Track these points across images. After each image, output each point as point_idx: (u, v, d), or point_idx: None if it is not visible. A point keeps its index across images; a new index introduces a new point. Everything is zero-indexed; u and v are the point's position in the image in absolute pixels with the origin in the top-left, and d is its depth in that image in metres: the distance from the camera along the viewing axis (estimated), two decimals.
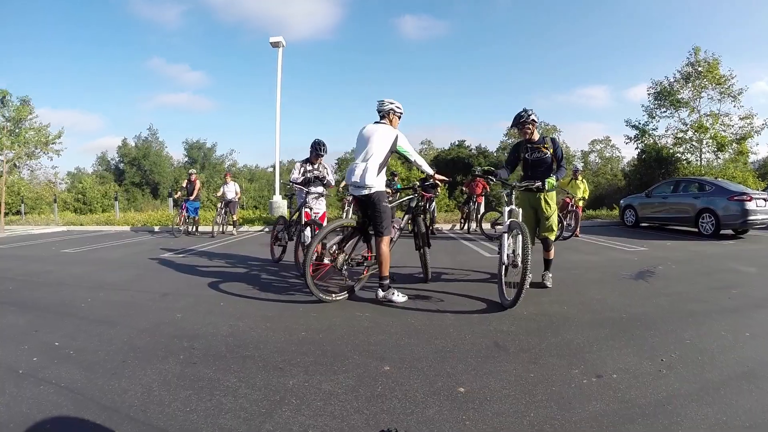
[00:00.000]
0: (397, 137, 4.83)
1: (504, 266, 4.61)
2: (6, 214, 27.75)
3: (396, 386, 2.75)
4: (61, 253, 10.47)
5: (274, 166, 23.29)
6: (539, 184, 5.09)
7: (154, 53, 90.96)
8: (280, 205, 16.45)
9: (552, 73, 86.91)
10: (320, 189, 7.08)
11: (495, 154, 48.14)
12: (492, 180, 5.16)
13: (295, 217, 7.31)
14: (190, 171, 14.46)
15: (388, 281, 4.82)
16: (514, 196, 5.06)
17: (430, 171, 5.41)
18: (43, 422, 2.41)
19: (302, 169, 7.18)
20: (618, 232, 12.95)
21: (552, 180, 5.07)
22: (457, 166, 41.90)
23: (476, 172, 5.78)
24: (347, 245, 5.18)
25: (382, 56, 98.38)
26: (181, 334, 3.88)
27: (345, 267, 5.05)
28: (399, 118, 5.11)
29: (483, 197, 13.88)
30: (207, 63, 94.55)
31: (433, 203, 11.58)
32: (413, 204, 5.73)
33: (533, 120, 5.34)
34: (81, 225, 19.57)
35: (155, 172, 44.73)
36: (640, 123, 27.30)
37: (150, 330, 4.04)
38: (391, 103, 5.03)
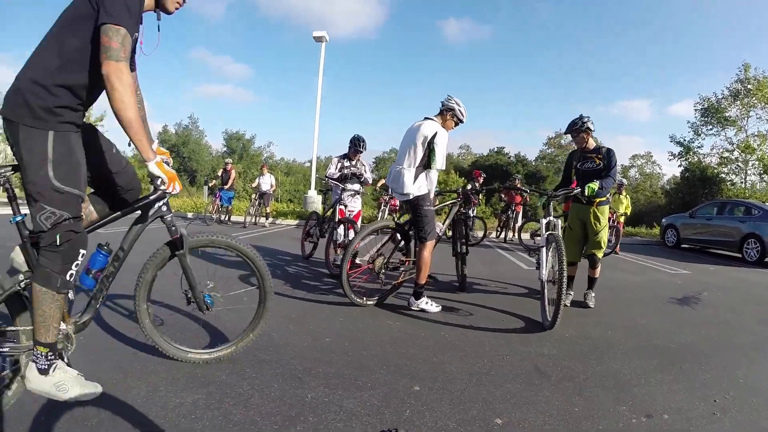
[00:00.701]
0: (436, 134, 4.46)
1: (544, 282, 4.30)
2: None
3: (426, 410, 2.52)
4: (97, 234, 10.50)
5: (311, 161, 23.30)
6: (579, 190, 4.79)
7: (199, 43, 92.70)
8: (315, 200, 16.37)
9: (594, 84, 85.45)
10: (357, 186, 6.89)
11: (533, 163, 47.52)
12: (526, 192, 4.84)
13: (328, 214, 7.14)
14: (227, 160, 14.47)
15: (423, 290, 4.58)
16: (552, 206, 4.76)
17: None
18: (31, 413, 2.26)
19: (339, 165, 7.00)
20: (658, 252, 12.50)
21: (594, 185, 4.71)
22: (495, 172, 41.41)
23: (515, 181, 5.40)
24: (386, 248, 4.98)
25: (424, 58, 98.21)
26: (189, 331, 3.71)
27: (383, 271, 4.82)
28: (456, 123, 4.79)
29: (522, 206, 13.54)
30: (250, 56, 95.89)
31: (474, 210, 11.30)
32: (455, 209, 5.54)
33: (588, 128, 5.05)
34: None
35: (193, 160, 45.31)
36: (685, 139, 26.52)
37: (165, 321, 3.85)
38: (457, 105, 4.70)
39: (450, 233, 5.53)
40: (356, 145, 6.99)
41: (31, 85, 1.94)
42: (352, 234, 6.37)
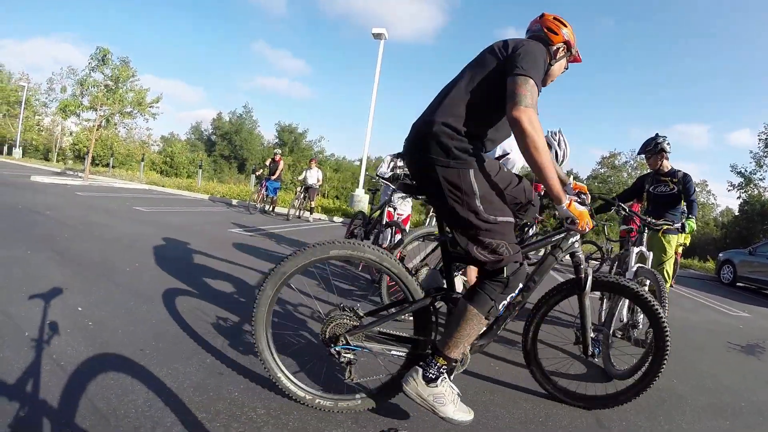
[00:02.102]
0: None
1: (618, 323, 3.63)
2: (96, 164, 29.44)
3: None
4: (132, 210, 10.52)
5: (361, 159, 23.13)
6: (678, 225, 4.25)
7: (259, 36, 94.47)
8: (362, 198, 16.13)
9: (651, 105, 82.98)
10: None
11: (585, 182, 46.18)
12: (614, 209, 4.13)
13: (375, 215, 6.74)
14: (276, 151, 14.30)
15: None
16: (646, 235, 4.21)
17: None
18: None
19: (392, 164, 6.61)
20: (714, 289, 11.63)
21: (692, 222, 4.22)
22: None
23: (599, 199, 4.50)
24: (432, 258, 4.49)
25: None
26: (217, 330, 3.39)
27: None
28: None
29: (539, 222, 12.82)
30: (308, 52, 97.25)
31: (535, 228, 10.61)
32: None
33: (663, 149, 4.61)
34: (163, 186, 20.12)
35: (245, 149, 45.96)
36: (746, 170, 25.17)
37: (186, 316, 3.58)
38: None
39: None
40: None
41: (446, 130, 2.08)
42: (399, 239, 5.99)
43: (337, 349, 2.31)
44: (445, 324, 2.26)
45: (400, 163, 6.58)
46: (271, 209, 14.01)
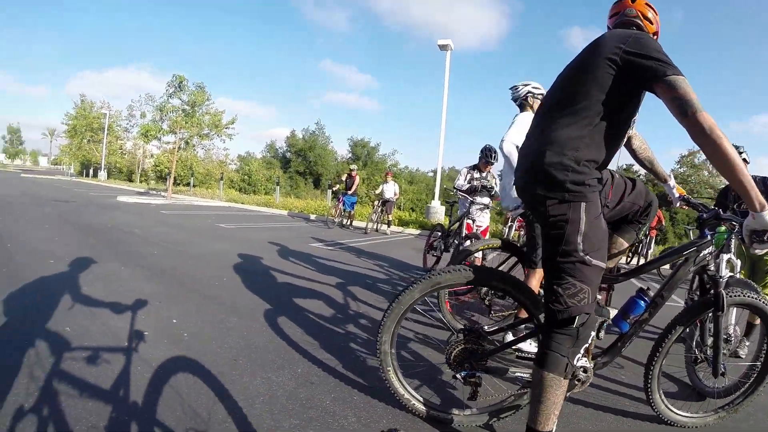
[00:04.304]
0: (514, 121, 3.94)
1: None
2: (177, 184, 31.13)
3: None
4: (215, 227, 11.05)
5: (434, 171, 23.13)
6: None
7: (326, 55, 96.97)
8: (438, 210, 16.14)
9: (727, 97, 77.78)
10: (486, 200, 6.45)
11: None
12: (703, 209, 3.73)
13: (454, 228, 6.76)
14: (352, 166, 14.58)
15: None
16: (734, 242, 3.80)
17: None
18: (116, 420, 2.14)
19: (468, 176, 6.62)
20: None
21: None
22: None
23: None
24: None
25: (548, 68, 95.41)
26: (304, 340, 3.52)
27: (488, 298, 3.99)
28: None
29: (656, 231, 12.23)
30: (374, 66, 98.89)
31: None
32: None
33: (744, 159, 4.24)
34: (242, 203, 20.96)
35: (319, 164, 46.83)
36: None
37: (274, 328, 3.74)
38: (526, 86, 4.06)
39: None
40: (487, 155, 6.57)
41: (560, 161, 1.88)
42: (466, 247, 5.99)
43: (462, 375, 2.26)
44: (530, 397, 2.03)
45: (476, 175, 6.58)
46: (348, 223, 14.28)
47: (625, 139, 2.08)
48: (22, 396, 2.25)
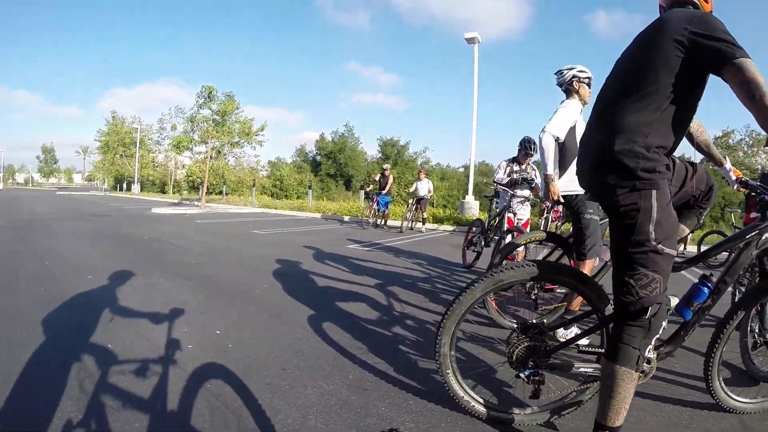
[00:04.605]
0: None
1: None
2: (209, 193, 31.69)
3: None
4: (250, 233, 11.11)
5: (466, 166, 22.92)
6: None
7: (351, 57, 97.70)
8: (472, 205, 15.95)
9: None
10: (526, 192, 6.29)
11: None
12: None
13: (494, 222, 6.60)
14: (384, 166, 14.52)
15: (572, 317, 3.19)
16: None
17: (548, 170, 3.71)
18: None
19: (508, 169, 6.47)
20: None
21: None
22: None
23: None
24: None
25: (575, 55, 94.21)
26: (352, 345, 3.42)
27: (533, 293, 3.77)
28: (588, 85, 3.88)
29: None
30: (399, 65, 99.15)
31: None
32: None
33: None
34: (275, 209, 21.12)
35: (349, 166, 47.02)
36: None
37: (320, 334, 3.66)
38: (570, 69, 3.85)
39: None
40: (526, 147, 6.40)
41: (630, 149, 1.82)
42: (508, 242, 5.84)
43: (526, 373, 2.16)
44: (600, 392, 1.96)
45: (516, 167, 6.42)
46: (383, 223, 14.21)
47: None
48: (67, 414, 2.22)
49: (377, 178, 14.42)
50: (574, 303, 3.53)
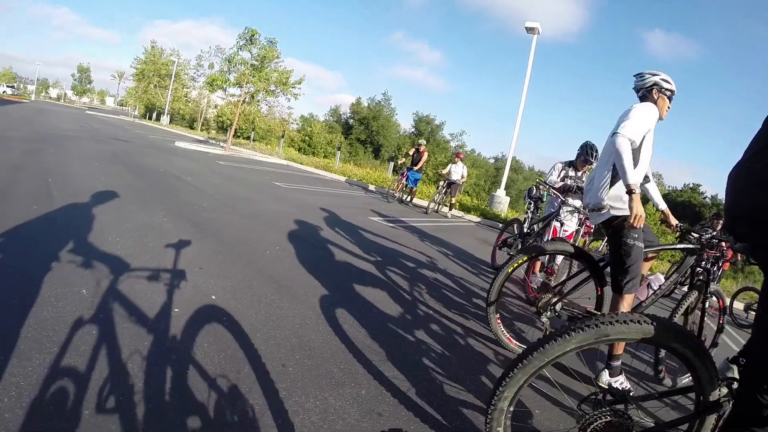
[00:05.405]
0: (633, 107, 3.07)
1: None
2: (237, 136, 31.30)
3: None
4: (271, 185, 10.64)
5: (496, 158, 22.19)
6: None
7: (398, 28, 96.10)
8: (502, 200, 15.29)
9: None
10: (578, 202, 5.66)
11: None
12: None
13: (536, 227, 6.00)
14: (420, 141, 13.81)
15: (619, 362, 3.03)
16: None
17: (631, 180, 2.85)
18: None
19: (563, 173, 5.82)
20: None
21: None
22: (686, 211, 36.87)
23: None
24: (568, 284, 3.53)
25: (623, 69, 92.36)
26: (368, 346, 2.91)
27: (547, 315, 3.29)
28: (669, 99, 3.24)
29: (729, 264, 10.42)
30: (445, 44, 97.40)
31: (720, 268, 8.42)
32: (693, 260, 3.41)
33: None
34: (300, 163, 20.57)
35: (381, 134, 46.35)
36: None
37: (331, 322, 3.15)
38: (654, 75, 3.20)
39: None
40: (587, 153, 5.73)
41: None
42: (559, 259, 5.25)
43: None
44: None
45: (571, 173, 5.79)
46: (409, 200, 13.60)
47: None
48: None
49: (411, 153, 13.74)
50: (619, 345, 2.98)
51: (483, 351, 3.31)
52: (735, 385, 1.60)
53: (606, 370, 3.05)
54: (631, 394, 1.74)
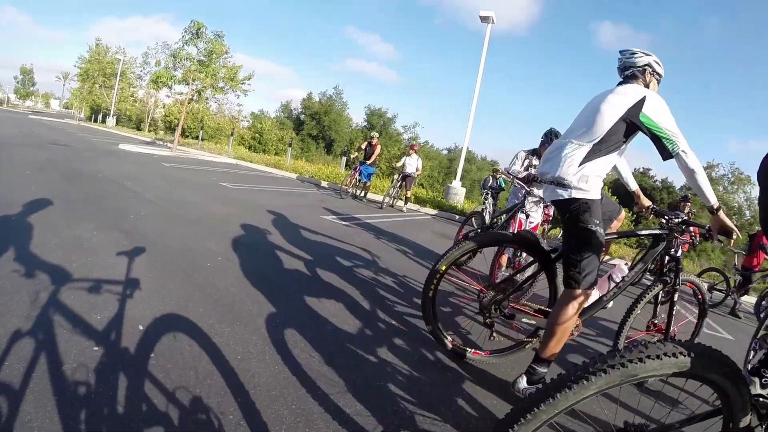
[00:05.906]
0: (644, 98, 2.56)
1: None
2: (186, 136, 30.22)
3: None
4: (218, 186, 10.11)
5: (449, 149, 22.04)
6: None
7: (349, 21, 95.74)
8: (458, 192, 15.10)
9: (754, 116, 76.17)
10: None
11: (680, 193, 42.70)
12: None
13: (499, 219, 5.67)
14: (373, 134, 13.37)
15: (546, 369, 2.63)
16: None
17: (712, 200, 2.62)
18: None
19: (526, 162, 5.50)
20: None
21: None
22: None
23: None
24: (522, 277, 3.25)
25: (573, 61, 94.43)
26: (324, 376, 2.47)
27: (489, 313, 2.97)
28: (658, 82, 2.91)
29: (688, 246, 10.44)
30: (397, 37, 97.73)
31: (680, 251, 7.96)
32: (662, 248, 3.12)
33: None
34: (250, 162, 19.89)
35: (333, 129, 45.90)
36: None
37: (280, 348, 2.69)
38: (648, 55, 2.83)
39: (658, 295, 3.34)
40: (551, 140, 5.44)
41: None
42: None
43: None
44: None
45: (536, 162, 5.48)
46: (363, 195, 13.16)
47: None
48: None
49: (363, 146, 13.29)
50: (556, 346, 2.59)
51: (456, 366, 2.93)
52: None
53: (524, 375, 2.65)
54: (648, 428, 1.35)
